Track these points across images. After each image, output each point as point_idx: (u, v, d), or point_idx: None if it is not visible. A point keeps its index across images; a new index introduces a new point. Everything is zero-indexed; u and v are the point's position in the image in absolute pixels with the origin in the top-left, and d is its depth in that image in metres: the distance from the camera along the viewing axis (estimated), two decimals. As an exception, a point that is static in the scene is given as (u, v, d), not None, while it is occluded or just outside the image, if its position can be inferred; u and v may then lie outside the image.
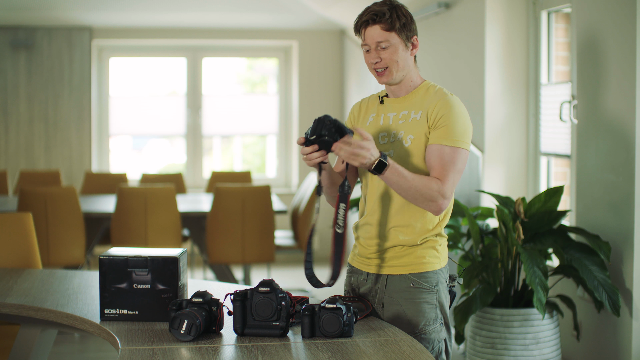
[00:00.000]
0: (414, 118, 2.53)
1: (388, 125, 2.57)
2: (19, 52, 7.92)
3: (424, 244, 2.55)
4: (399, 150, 2.53)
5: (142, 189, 5.62)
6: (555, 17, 4.81)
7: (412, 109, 2.55)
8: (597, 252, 3.82)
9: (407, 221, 2.54)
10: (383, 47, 2.51)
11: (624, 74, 3.80)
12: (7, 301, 2.80)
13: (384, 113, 2.60)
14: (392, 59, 2.51)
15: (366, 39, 2.52)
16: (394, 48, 2.51)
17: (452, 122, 2.49)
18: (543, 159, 4.88)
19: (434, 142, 2.49)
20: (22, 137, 7.98)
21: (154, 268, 2.48)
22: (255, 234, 5.62)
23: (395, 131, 2.55)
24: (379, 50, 2.51)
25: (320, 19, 7.97)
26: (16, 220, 3.68)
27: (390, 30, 2.50)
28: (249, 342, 2.27)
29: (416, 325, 2.53)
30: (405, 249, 2.55)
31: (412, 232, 2.54)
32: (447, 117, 2.49)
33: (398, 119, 2.56)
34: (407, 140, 2.52)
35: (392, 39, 2.51)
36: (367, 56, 2.55)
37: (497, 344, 3.98)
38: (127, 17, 7.88)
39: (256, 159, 8.96)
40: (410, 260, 2.55)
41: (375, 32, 2.50)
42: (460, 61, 5.35)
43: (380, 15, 2.49)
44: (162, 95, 8.74)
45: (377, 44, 2.51)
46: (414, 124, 2.52)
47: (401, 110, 2.56)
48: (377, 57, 2.52)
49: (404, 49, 2.53)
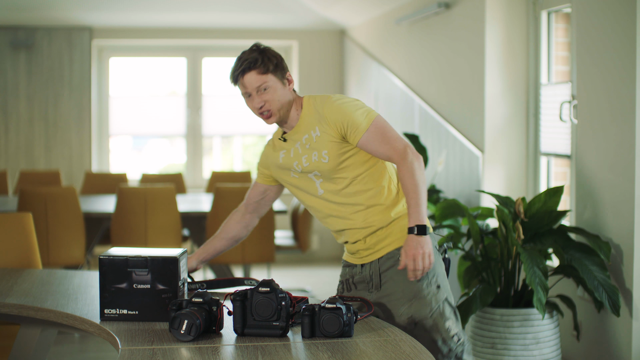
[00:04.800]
0: (316, 136, 2.69)
1: (298, 154, 2.73)
2: (19, 52, 7.92)
3: (398, 218, 2.71)
4: (321, 168, 2.69)
5: (142, 189, 5.62)
6: (555, 17, 4.81)
7: (309, 130, 2.71)
8: (597, 252, 3.82)
9: (369, 203, 2.70)
10: (264, 89, 2.66)
11: (624, 74, 3.80)
12: (7, 301, 2.80)
13: (291, 147, 2.76)
14: (273, 99, 2.67)
15: (246, 86, 2.67)
16: (272, 89, 2.67)
17: (350, 114, 2.65)
18: (543, 159, 4.88)
19: (358, 139, 2.65)
20: (22, 137, 7.98)
21: (154, 268, 2.48)
22: (255, 234, 5.62)
23: (307, 155, 2.69)
24: (261, 94, 2.67)
25: (320, 19, 7.97)
26: (16, 220, 3.67)
27: (266, 73, 2.65)
28: (249, 342, 2.28)
29: (411, 292, 2.64)
30: (383, 230, 2.70)
31: (378, 211, 2.70)
32: (344, 115, 2.65)
33: (303, 145, 2.71)
34: (324, 157, 2.68)
35: (269, 81, 2.66)
36: (249, 102, 2.72)
37: (497, 344, 3.98)
38: (127, 17, 7.88)
39: (256, 159, 8.96)
40: (393, 237, 2.70)
41: (253, 77, 2.66)
42: (460, 61, 5.35)
43: (253, 62, 2.65)
44: (162, 95, 8.74)
45: (257, 88, 2.66)
46: (319, 141, 2.68)
47: (302, 136, 2.72)
48: (260, 101, 2.67)
49: (281, 87, 2.69)
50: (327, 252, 8.23)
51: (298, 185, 2.78)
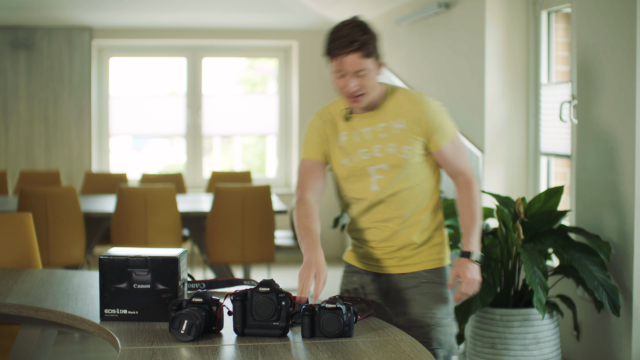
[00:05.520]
0: (400, 128, 2.54)
1: (366, 140, 2.56)
2: (19, 52, 7.92)
3: (432, 239, 2.61)
4: (395, 162, 2.55)
5: (142, 189, 5.62)
6: (555, 17, 4.81)
7: (390, 119, 2.55)
8: (597, 252, 3.82)
9: (415, 221, 2.59)
10: (361, 74, 2.47)
11: (624, 74, 3.80)
12: (7, 301, 2.80)
13: (356, 129, 2.58)
14: (367, 85, 2.49)
15: (345, 67, 2.47)
16: (370, 74, 2.49)
17: (440, 123, 2.57)
18: (543, 159, 4.88)
19: (439, 147, 2.57)
20: (22, 137, 7.98)
21: (154, 268, 2.48)
22: (255, 234, 5.62)
23: (381, 146, 2.55)
24: (357, 77, 2.48)
25: (320, 19, 7.97)
26: (16, 220, 3.67)
27: (368, 57, 2.48)
28: (249, 342, 2.27)
29: (431, 318, 2.57)
30: (416, 247, 2.60)
31: (421, 229, 2.60)
32: (435, 121, 2.56)
33: (377, 132, 2.55)
34: (404, 152, 2.54)
35: (369, 66, 2.48)
36: (340, 80, 2.50)
37: (497, 344, 3.97)
38: (127, 17, 7.88)
39: (256, 159, 8.96)
40: (422, 257, 2.60)
41: (355, 60, 2.46)
42: (460, 61, 5.35)
43: (360, 45, 2.45)
44: (162, 95, 8.74)
45: (355, 71, 2.47)
46: (403, 135, 2.54)
47: (377, 123, 2.56)
48: (356, 84, 2.48)
49: (376, 72, 2.52)
50: (327, 252, 8.18)
51: (347, 174, 2.61)
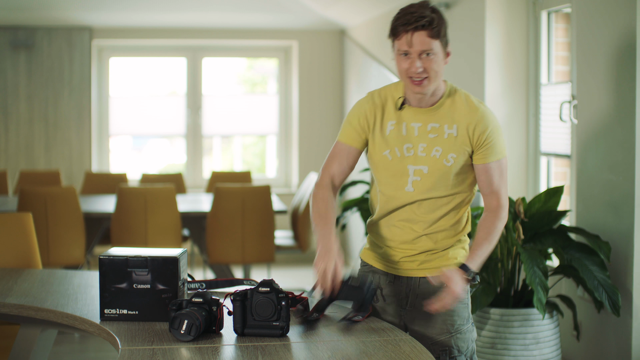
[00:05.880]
0: (450, 134, 2.44)
1: (414, 136, 2.46)
2: (19, 52, 7.92)
3: (454, 246, 2.57)
4: (437, 167, 2.45)
5: (142, 189, 5.62)
6: (555, 17, 4.81)
7: (444, 123, 2.44)
8: (597, 252, 3.82)
9: (441, 227, 2.53)
10: (427, 54, 2.35)
11: (623, 73, 3.80)
12: (7, 301, 2.80)
13: (406, 122, 2.47)
14: (433, 69, 2.36)
15: (411, 45, 2.33)
16: (436, 57, 2.36)
17: (494, 139, 2.46)
18: (543, 159, 4.87)
19: (483, 162, 2.46)
20: (22, 137, 7.98)
21: (154, 268, 2.48)
22: (255, 234, 5.62)
23: (427, 145, 2.45)
24: (423, 58, 2.35)
25: (320, 19, 7.97)
26: (16, 220, 3.67)
27: (436, 38, 2.34)
28: (249, 342, 2.27)
29: (452, 325, 2.54)
30: (438, 251, 2.55)
31: (445, 236, 2.54)
32: (490, 135, 2.44)
33: (427, 131, 2.45)
34: (448, 160, 2.44)
35: (436, 48, 2.35)
36: (404, 61, 2.37)
37: (497, 344, 3.97)
38: (127, 17, 7.88)
39: (256, 159, 8.96)
40: (443, 262, 2.55)
41: (422, 38, 2.32)
42: (460, 61, 5.35)
43: (429, 22, 2.32)
44: (162, 95, 8.74)
45: (421, 51, 2.34)
46: (452, 141, 2.44)
47: (429, 122, 2.45)
48: (421, 65, 2.34)
49: (442, 58, 2.39)
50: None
51: (386, 167, 2.50)
